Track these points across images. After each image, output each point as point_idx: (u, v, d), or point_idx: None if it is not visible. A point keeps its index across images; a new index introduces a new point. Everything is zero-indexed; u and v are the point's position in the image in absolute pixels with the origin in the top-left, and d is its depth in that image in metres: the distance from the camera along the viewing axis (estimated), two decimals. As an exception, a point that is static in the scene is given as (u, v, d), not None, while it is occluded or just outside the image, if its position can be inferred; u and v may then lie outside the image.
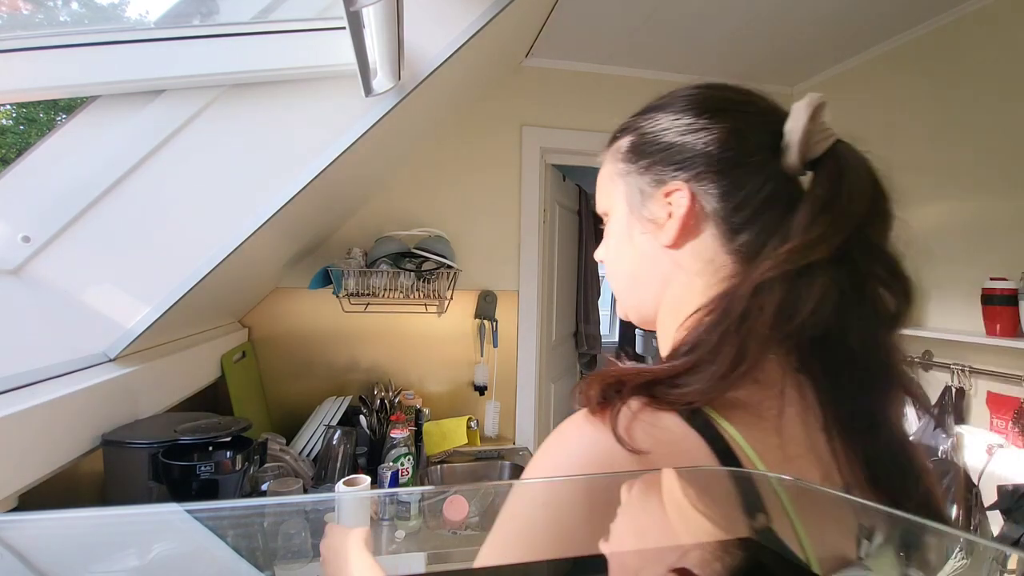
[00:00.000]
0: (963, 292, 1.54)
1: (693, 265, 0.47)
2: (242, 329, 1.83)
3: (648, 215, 0.49)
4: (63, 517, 0.47)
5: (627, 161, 0.51)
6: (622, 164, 0.51)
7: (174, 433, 0.95)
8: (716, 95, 0.49)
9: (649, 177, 0.49)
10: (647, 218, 0.49)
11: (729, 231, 0.45)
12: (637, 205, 0.50)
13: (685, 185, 0.46)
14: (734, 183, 0.45)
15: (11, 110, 3.32)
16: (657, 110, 0.51)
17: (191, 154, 1.01)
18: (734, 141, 0.46)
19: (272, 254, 1.49)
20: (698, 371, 0.39)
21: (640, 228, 0.50)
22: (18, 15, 1.17)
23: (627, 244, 0.51)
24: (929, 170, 1.68)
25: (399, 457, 1.53)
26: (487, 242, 2.04)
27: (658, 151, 0.48)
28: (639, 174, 0.49)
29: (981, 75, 1.54)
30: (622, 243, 0.52)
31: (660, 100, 0.52)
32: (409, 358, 1.99)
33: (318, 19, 1.02)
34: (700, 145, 0.46)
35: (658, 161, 0.48)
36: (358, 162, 1.34)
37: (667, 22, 1.75)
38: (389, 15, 0.78)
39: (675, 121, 0.48)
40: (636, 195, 0.50)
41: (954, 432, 1.47)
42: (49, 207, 0.94)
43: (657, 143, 0.48)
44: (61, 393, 0.84)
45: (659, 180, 0.48)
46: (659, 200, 0.48)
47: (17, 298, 0.93)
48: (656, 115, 0.50)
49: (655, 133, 0.49)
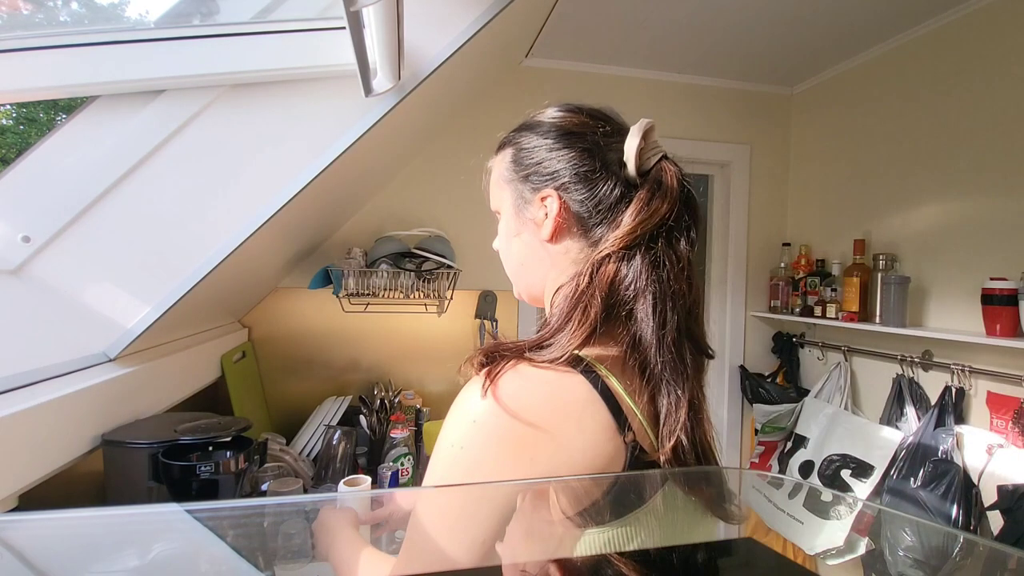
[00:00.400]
0: (963, 292, 1.54)
1: (565, 254, 0.60)
2: (242, 329, 1.83)
3: (530, 216, 0.61)
4: (63, 517, 0.47)
5: (510, 171, 0.63)
6: (507, 172, 0.63)
7: (174, 433, 0.95)
8: (575, 120, 0.61)
9: (528, 185, 0.61)
10: (529, 218, 0.61)
11: (588, 227, 0.58)
12: (521, 207, 0.62)
13: (555, 192, 0.59)
14: (591, 190, 0.58)
15: (11, 110, 3.32)
16: (530, 130, 0.63)
17: (191, 154, 1.01)
18: (588, 158, 0.58)
19: (272, 254, 1.49)
20: (559, 334, 0.52)
21: (524, 226, 0.62)
22: (18, 15, 1.17)
23: (515, 238, 0.63)
24: (929, 170, 1.68)
25: (399, 457, 1.53)
26: (487, 242, 2.03)
27: (533, 164, 0.60)
28: (520, 182, 0.61)
29: (981, 75, 1.54)
30: (511, 237, 0.64)
31: (533, 121, 0.64)
32: (409, 358, 1.99)
33: (318, 19, 1.02)
34: (564, 161, 0.59)
35: (534, 172, 0.60)
36: (358, 162, 1.34)
37: (667, 22, 1.75)
38: (389, 15, 0.78)
39: (544, 140, 0.61)
40: (519, 199, 0.62)
41: (954, 432, 1.48)
42: (49, 207, 0.94)
43: (532, 158, 0.61)
44: (61, 393, 0.84)
45: (535, 188, 0.60)
46: (536, 204, 0.60)
47: (17, 298, 0.93)
48: (530, 135, 0.62)
49: (530, 149, 0.61)
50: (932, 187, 1.68)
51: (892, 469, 1.57)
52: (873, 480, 1.60)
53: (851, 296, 1.80)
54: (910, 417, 1.64)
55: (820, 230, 2.14)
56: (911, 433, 1.58)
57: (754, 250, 2.29)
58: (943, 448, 1.46)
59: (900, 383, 1.70)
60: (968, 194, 1.57)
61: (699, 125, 2.21)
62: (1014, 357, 1.40)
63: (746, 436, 2.32)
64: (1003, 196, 1.48)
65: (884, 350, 1.79)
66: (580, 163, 0.58)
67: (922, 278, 1.69)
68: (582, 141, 0.59)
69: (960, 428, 1.49)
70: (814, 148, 2.19)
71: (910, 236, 1.75)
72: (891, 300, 1.65)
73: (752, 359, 2.29)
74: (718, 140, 2.23)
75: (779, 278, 2.18)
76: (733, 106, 2.24)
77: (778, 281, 2.18)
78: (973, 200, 1.56)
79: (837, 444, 1.77)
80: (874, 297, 1.75)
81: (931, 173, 1.68)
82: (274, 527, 0.77)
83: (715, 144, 2.23)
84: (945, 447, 1.46)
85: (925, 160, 1.70)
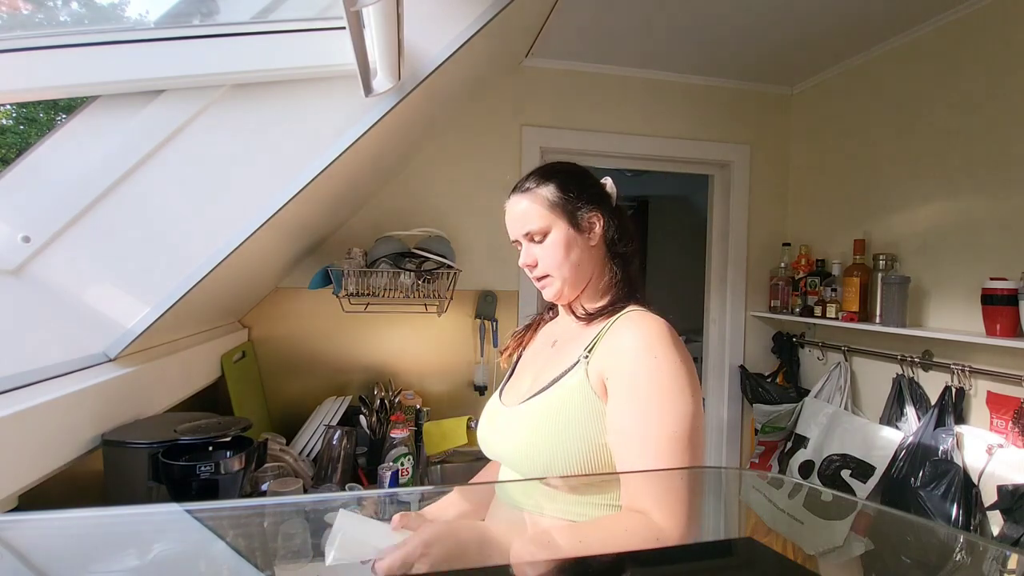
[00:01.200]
0: (963, 292, 1.54)
1: (604, 256, 0.88)
2: (242, 329, 1.83)
3: (584, 228, 0.85)
4: (63, 517, 0.47)
5: (562, 198, 0.85)
6: (558, 199, 0.85)
7: (174, 433, 0.95)
8: (581, 170, 0.91)
9: (582, 208, 0.85)
10: (583, 231, 0.85)
11: (611, 238, 0.87)
12: (575, 223, 0.85)
13: (599, 211, 0.86)
14: (611, 213, 0.88)
15: (11, 110, 3.31)
16: (563, 173, 0.88)
17: (191, 154, 1.01)
18: (604, 191, 0.90)
19: (272, 254, 1.49)
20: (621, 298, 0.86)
21: (579, 237, 0.85)
22: (18, 15, 1.17)
23: (573, 247, 0.85)
24: (929, 170, 1.68)
25: (399, 457, 1.53)
26: (487, 242, 2.04)
27: (581, 192, 0.86)
28: (575, 206, 0.85)
29: (981, 75, 1.54)
30: (569, 247, 0.84)
31: (559, 168, 0.90)
32: (409, 358, 1.99)
33: (318, 19, 1.02)
34: (596, 194, 0.88)
35: (584, 199, 0.86)
36: (358, 162, 1.34)
37: (667, 22, 1.75)
38: (389, 15, 0.78)
39: (582, 181, 0.88)
40: (575, 218, 0.85)
41: (954, 432, 1.48)
42: (49, 207, 0.94)
43: (579, 190, 0.86)
44: (61, 393, 0.84)
45: (587, 209, 0.85)
46: (588, 221, 0.85)
47: (17, 298, 0.93)
48: (565, 176, 0.87)
49: (576, 184, 0.87)
50: (932, 187, 1.68)
51: (892, 469, 1.57)
52: (873, 480, 1.60)
53: (851, 296, 1.80)
54: (910, 417, 1.64)
55: (820, 230, 2.14)
56: (911, 433, 1.58)
57: (754, 250, 2.29)
58: (943, 448, 1.46)
59: (900, 383, 1.70)
60: (968, 194, 1.57)
61: (699, 125, 2.21)
62: (1014, 357, 1.40)
63: (746, 436, 2.32)
64: (1003, 196, 1.48)
65: (884, 350, 1.79)
66: (603, 196, 0.89)
67: (922, 278, 1.69)
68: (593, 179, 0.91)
69: (960, 428, 1.49)
70: (814, 148, 2.19)
71: (910, 236, 1.74)
72: (891, 300, 1.65)
73: (752, 359, 2.29)
74: (718, 140, 2.23)
75: (779, 278, 2.18)
76: (733, 106, 2.24)
77: (778, 281, 2.18)
78: (973, 200, 1.56)
79: (837, 444, 1.77)
80: (874, 297, 1.75)
81: (931, 173, 1.68)
82: (274, 527, 0.77)
83: (715, 144, 2.23)
84: (945, 447, 1.46)
85: (925, 160, 1.70)
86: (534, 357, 0.94)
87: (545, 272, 0.86)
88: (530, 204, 0.85)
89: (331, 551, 0.59)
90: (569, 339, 0.86)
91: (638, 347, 0.73)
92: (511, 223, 0.88)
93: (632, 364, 0.72)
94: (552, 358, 0.86)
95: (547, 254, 0.85)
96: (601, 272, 0.87)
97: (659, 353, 0.71)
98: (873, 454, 1.63)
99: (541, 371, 0.85)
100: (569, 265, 0.84)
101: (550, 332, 0.96)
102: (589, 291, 0.88)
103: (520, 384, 0.90)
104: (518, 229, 0.87)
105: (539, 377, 0.84)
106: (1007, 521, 1.29)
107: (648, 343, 0.73)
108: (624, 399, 0.72)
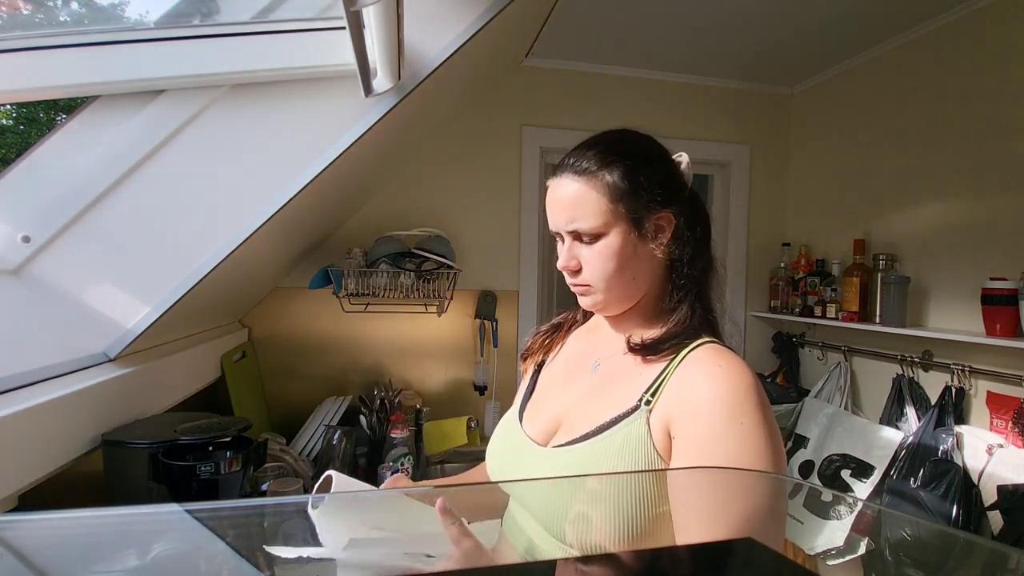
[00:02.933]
0: (963, 292, 1.54)
1: (667, 268, 0.70)
2: (242, 329, 1.83)
3: (649, 235, 0.67)
4: (63, 517, 0.47)
5: (630, 191, 0.65)
6: (625, 192, 0.65)
7: (174, 433, 0.95)
8: (656, 148, 0.72)
9: (652, 206, 0.66)
10: (647, 239, 0.67)
11: (681, 247, 0.68)
12: (640, 227, 0.66)
13: (671, 211, 0.67)
14: (686, 211, 0.69)
15: (11, 110, 3.32)
16: (635, 155, 0.68)
17: (191, 154, 1.01)
18: (680, 180, 0.70)
19: (272, 254, 1.49)
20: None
21: (640, 246, 0.67)
22: (18, 15, 1.17)
23: (631, 259, 0.67)
24: (929, 170, 1.68)
25: (399, 457, 1.53)
26: (487, 242, 2.04)
27: (654, 184, 0.66)
28: (644, 203, 0.66)
29: (981, 74, 1.54)
30: (627, 258, 0.66)
31: (629, 143, 0.70)
32: (409, 358, 1.99)
33: (318, 19, 1.02)
34: (672, 185, 0.68)
35: (657, 194, 0.66)
36: (358, 162, 1.34)
37: (667, 22, 1.75)
38: (389, 15, 0.78)
39: (657, 166, 0.69)
40: (640, 221, 0.66)
41: (954, 432, 1.47)
42: (49, 207, 0.94)
43: (652, 180, 0.66)
44: (61, 393, 0.84)
45: (657, 208, 0.66)
46: (656, 223, 0.67)
47: (17, 298, 0.93)
48: (637, 159, 0.67)
49: (649, 171, 0.67)
50: (932, 187, 1.68)
51: (892, 469, 1.57)
52: (873, 480, 1.60)
53: (851, 296, 1.80)
54: (910, 417, 1.64)
55: (820, 230, 2.14)
56: (911, 433, 1.58)
57: (754, 250, 2.29)
58: (943, 448, 1.46)
59: (900, 383, 1.70)
60: (968, 194, 1.57)
61: (699, 125, 2.21)
62: (1014, 357, 1.40)
63: (746, 436, 2.31)
64: (1003, 196, 1.48)
65: (884, 350, 1.79)
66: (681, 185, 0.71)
67: (922, 278, 1.69)
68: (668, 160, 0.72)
69: (960, 428, 1.49)
70: (814, 148, 2.19)
71: (910, 236, 1.74)
72: (891, 300, 1.65)
73: (752, 359, 2.29)
74: (718, 140, 2.23)
75: (779, 278, 2.18)
76: (733, 106, 2.24)
77: (778, 281, 2.18)
78: (973, 200, 1.56)
79: (837, 444, 1.77)
80: (874, 297, 1.75)
81: (931, 173, 1.68)
82: (274, 527, 0.77)
83: (715, 144, 2.23)
84: (945, 447, 1.46)
85: (925, 160, 1.70)
86: (566, 376, 0.77)
87: (589, 282, 0.68)
88: (585, 192, 0.65)
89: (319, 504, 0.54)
90: (620, 369, 0.68)
91: (719, 408, 0.57)
92: (554, 210, 0.69)
93: (708, 429, 0.57)
94: (599, 389, 0.69)
95: (596, 261, 0.67)
96: (661, 289, 0.70)
97: (746, 420, 0.56)
98: (873, 454, 1.63)
99: (583, 403, 0.69)
100: (623, 280, 0.67)
101: (586, 345, 0.79)
102: (641, 310, 0.71)
103: (546, 407, 0.74)
104: (562, 221, 0.67)
105: (579, 410, 0.68)
106: (1007, 521, 1.29)
107: (733, 404, 0.57)
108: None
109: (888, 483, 1.57)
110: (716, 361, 0.61)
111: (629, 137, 0.71)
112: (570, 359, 0.80)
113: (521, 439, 0.72)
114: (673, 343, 0.65)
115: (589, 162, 0.66)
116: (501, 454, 0.76)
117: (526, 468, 0.70)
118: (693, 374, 0.61)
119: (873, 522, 1.57)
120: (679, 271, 0.68)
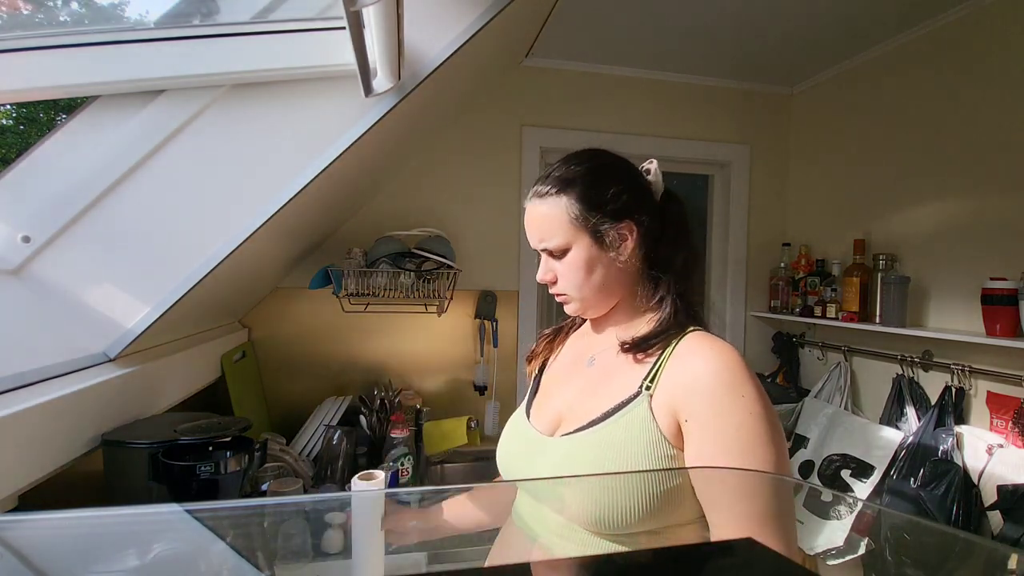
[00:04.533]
0: (963, 292, 1.54)
1: (640, 271, 0.76)
2: (242, 329, 1.83)
3: (610, 245, 0.73)
4: (63, 517, 0.47)
5: (583, 212, 0.72)
6: (578, 213, 0.72)
7: (174, 433, 0.95)
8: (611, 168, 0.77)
9: (607, 221, 0.73)
10: (609, 248, 0.73)
11: (650, 250, 0.75)
12: (599, 239, 0.73)
13: (632, 221, 0.73)
14: (651, 218, 0.76)
15: (11, 110, 3.32)
16: (586, 178, 0.74)
17: (191, 154, 1.01)
18: (642, 190, 0.77)
19: (272, 254, 1.49)
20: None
21: (603, 255, 0.73)
22: (18, 15, 1.17)
23: (596, 267, 0.74)
24: (929, 170, 1.68)
25: (399, 457, 1.53)
26: (487, 242, 2.04)
27: (606, 202, 0.73)
28: (599, 219, 0.72)
29: (981, 74, 1.54)
30: (592, 267, 0.74)
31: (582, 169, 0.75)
32: (409, 358, 1.99)
33: (318, 19, 1.02)
34: (630, 199, 0.74)
35: (611, 210, 0.73)
36: (358, 162, 1.34)
37: (667, 23, 1.75)
38: (389, 15, 0.78)
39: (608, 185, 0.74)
40: (598, 234, 0.73)
41: (954, 432, 1.47)
42: (49, 207, 0.94)
43: (605, 198, 0.73)
44: (61, 393, 0.84)
45: (613, 222, 0.73)
46: (617, 234, 0.73)
47: (17, 298, 0.93)
48: (589, 181, 0.74)
49: (602, 190, 0.73)
50: (932, 187, 1.68)
51: (892, 469, 1.57)
52: (873, 480, 1.60)
53: (851, 296, 1.80)
54: (910, 417, 1.64)
55: (820, 230, 2.14)
56: (911, 433, 1.58)
57: (754, 250, 2.29)
58: (943, 448, 1.46)
59: (900, 383, 1.70)
60: (968, 194, 1.57)
61: (699, 125, 2.21)
62: (1014, 357, 1.40)
63: (746, 436, 2.31)
64: (1003, 196, 1.48)
65: (884, 350, 1.79)
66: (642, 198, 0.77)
67: (922, 278, 1.69)
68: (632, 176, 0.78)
69: (960, 428, 1.49)
70: (814, 148, 2.19)
71: (910, 236, 1.74)
72: (891, 300, 1.65)
73: (752, 359, 2.28)
74: (718, 140, 2.23)
75: (779, 278, 2.18)
76: (733, 106, 2.24)
77: (778, 281, 2.18)
78: (973, 200, 1.56)
79: (837, 444, 1.77)
80: (874, 297, 1.75)
81: (931, 173, 1.68)
82: (274, 527, 0.77)
83: (715, 144, 2.23)
84: (945, 447, 1.46)
85: (925, 160, 1.70)
86: (566, 374, 0.83)
87: (564, 291, 0.77)
88: (549, 213, 0.74)
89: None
90: (615, 363, 0.74)
91: (718, 383, 0.63)
92: (528, 232, 0.78)
93: (715, 403, 0.62)
94: (597, 382, 0.75)
95: (568, 273, 0.75)
96: (635, 289, 0.76)
97: (746, 391, 0.62)
98: (873, 454, 1.63)
99: (584, 396, 0.75)
100: (590, 286, 0.75)
101: (582, 344, 0.85)
102: (623, 310, 0.78)
103: (550, 404, 0.80)
104: (535, 240, 0.77)
105: (583, 402, 0.73)
106: (1007, 521, 1.29)
107: (730, 378, 0.63)
108: (714, 450, 0.62)
109: (888, 483, 1.57)
110: (706, 344, 0.67)
111: (588, 157, 0.77)
112: (569, 359, 0.85)
113: (530, 432, 0.78)
114: (662, 338, 0.70)
115: (551, 185, 0.75)
116: (510, 447, 0.81)
117: (535, 455, 0.75)
118: (687, 359, 0.67)
119: (873, 522, 1.57)
120: (653, 271, 0.75)
